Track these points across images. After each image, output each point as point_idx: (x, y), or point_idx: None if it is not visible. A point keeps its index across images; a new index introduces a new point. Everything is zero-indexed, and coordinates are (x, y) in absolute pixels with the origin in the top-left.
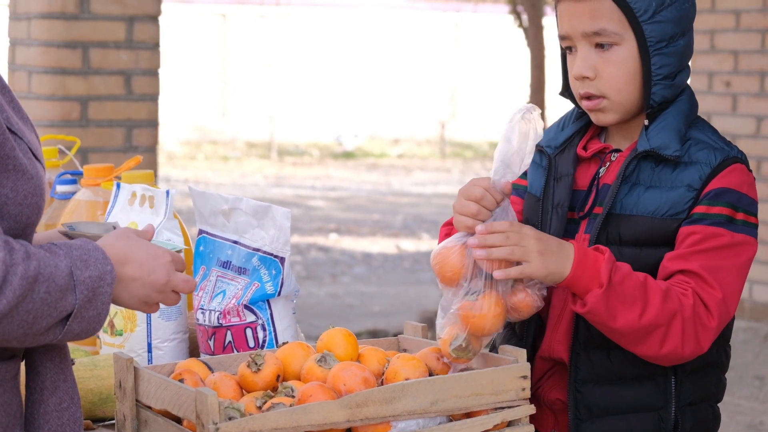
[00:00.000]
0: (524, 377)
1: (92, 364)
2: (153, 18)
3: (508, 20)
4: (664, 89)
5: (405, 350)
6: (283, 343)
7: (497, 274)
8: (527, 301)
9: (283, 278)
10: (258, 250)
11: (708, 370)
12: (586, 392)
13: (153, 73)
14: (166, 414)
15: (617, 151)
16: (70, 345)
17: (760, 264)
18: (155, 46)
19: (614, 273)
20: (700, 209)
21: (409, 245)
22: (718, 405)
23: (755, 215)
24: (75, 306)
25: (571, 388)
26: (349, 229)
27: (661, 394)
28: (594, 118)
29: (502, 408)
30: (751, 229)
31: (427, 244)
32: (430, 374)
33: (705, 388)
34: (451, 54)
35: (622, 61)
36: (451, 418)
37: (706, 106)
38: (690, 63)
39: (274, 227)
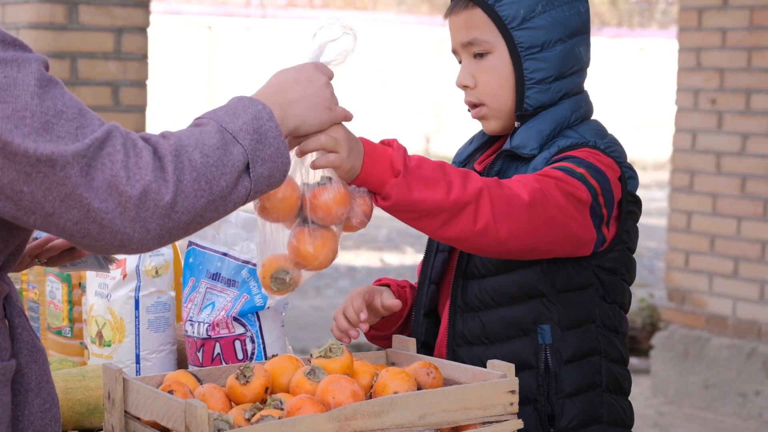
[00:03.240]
0: (512, 392)
1: (80, 374)
2: (141, 29)
3: None
4: (539, 93)
5: (393, 364)
6: (272, 356)
7: (314, 162)
8: (366, 207)
9: None
10: (247, 262)
11: (588, 359)
12: None
13: (141, 84)
14: (155, 425)
15: None
16: (59, 355)
17: (743, 281)
18: (143, 57)
19: (408, 160)
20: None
21: (393, 259)
22: (624, 396)
23: (599, 182)
24: (246, 152)
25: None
26: None
27: (533, 387)
28: (483, 127)
29: (491, 422)
30: (590, 187)
31: (411, 257)
32: (419, 388)
33: (587, 377)
34: (436, 68)
35: (495, 68)
36: None
37: (691, 124)
38: (583, 69)
39: None
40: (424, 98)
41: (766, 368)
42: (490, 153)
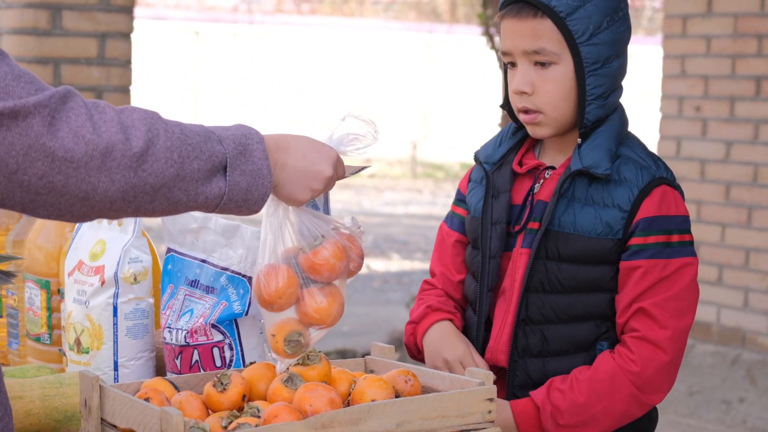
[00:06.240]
0: (490, 400)
1: (58, 381)
2: (125, 35)
3: (481, 42)
4: (597, 108)
5: (372, 371)
6: (250, 363)
7: None
8: (358, 250)
9: (251, 298)
10: (226, 269)
11: None
12: (523, 397)
13: (124, 90)
14: None
15: (551, 168)
16: (38, 361)
17: (727, 288)
18: (127, 63)
19: (558, 417)
20: (636, 241)
21: (379, 265)
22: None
23: (689, 232)
24: (226, 155)
25: (509, 394)
26: None
27: None
28: (530, 131)
29: (469, 430)
30: (688, 248)
31: (397, 264)
32: (397, 396)
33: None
34: (423, 75)
35: (559, 80)
36: None
37: (676, 131)
38: (622, 83)
39: (242, 246)
40: (410, 105)
41: (750, 375)
42: (524, 152)
